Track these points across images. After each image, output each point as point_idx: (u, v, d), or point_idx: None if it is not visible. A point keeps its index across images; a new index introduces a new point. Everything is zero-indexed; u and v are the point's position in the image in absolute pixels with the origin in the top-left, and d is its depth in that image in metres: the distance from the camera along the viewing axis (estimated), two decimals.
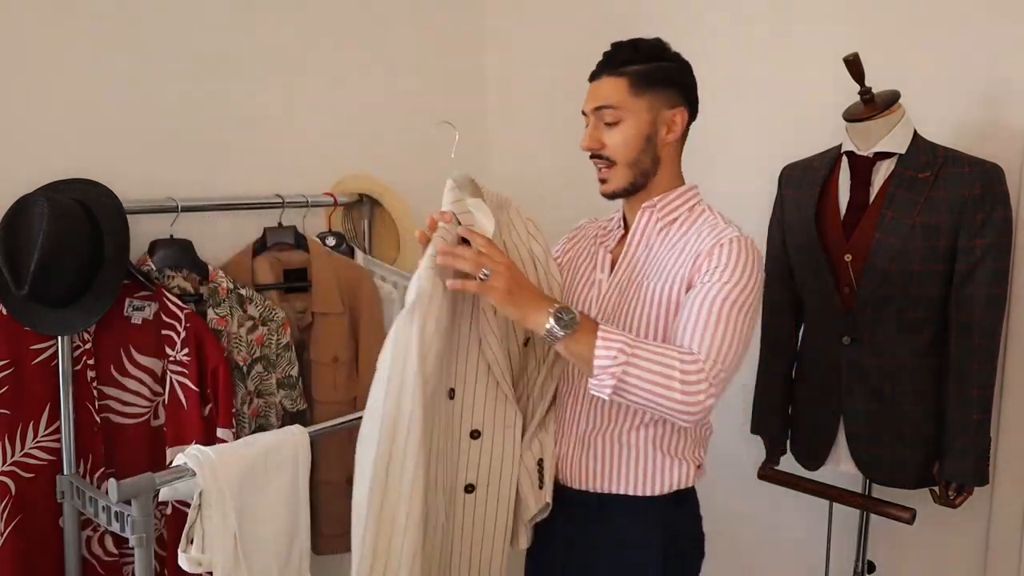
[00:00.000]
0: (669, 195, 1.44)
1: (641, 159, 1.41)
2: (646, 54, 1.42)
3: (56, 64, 1.62)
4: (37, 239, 1.42)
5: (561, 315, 1.25)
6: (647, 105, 1.40)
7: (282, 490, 1.58)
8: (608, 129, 1.41)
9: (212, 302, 1.71)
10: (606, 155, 1.42)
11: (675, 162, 1.47)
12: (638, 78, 1.40)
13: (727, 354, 1.26)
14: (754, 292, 1.32)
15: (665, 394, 1.22)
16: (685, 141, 1.48)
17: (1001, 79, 1.76)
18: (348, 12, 2.13)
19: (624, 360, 1.22)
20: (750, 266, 1.32)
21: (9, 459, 1.52)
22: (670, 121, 1.42)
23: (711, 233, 1.37)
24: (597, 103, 1.41)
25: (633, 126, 1.40)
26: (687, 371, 1.22)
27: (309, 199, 1.93)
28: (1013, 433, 1.80)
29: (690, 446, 1.45)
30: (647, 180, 1.43)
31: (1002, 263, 1.62)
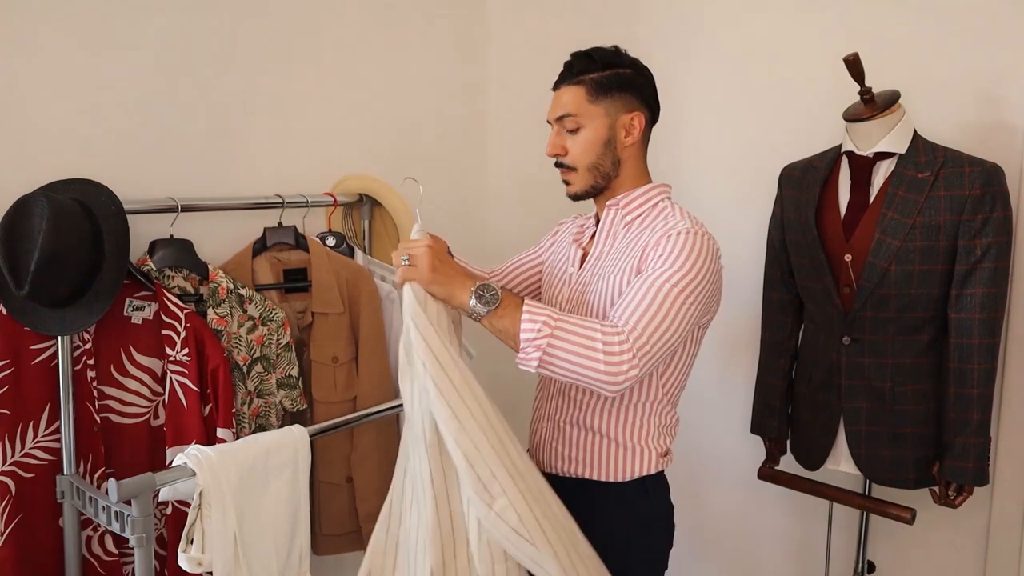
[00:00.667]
0: (632, 193, 1.50)
1: (601, 163, 1.48)
2: (602, 62, 1.47)
3: (56, 64, 1.62)
4: (37, 239, 1.42)
5: (482, 292, 1.30)
6: (604, 111, 1.47)
7: (282, 490, 1.58)
8: (570, 136, 1.48)
9: (212, 302, 1.71)
10: (566, 162, 1.49)
11: (638, 162, 1.52)
12: (594, 85, 1.46)
13: (654, 330, 1.29)
14: (697, 281, 1.34)
15: (589, 364, 1.26)
16: (648, 142, 1.54)
17: (1001, 79, 1.76)
18: (348, 12, 2.13)
19: (548, 332, 1.27)
20: (695, 257, 1.35)
21: (9, 459, 1.52)
22: (628, 125, 1.48)
23: (663, 226, 1.43)
24: (558, 112, 1.49)
25: (591, 132, 1.47)
26: (609, 341, 1.26)
27: (309, 199, 1.93)
28: (1013, 433, 1.80)
29: (653, 434, 1.51)
30: (609, 181, 1.50)
31: (1002, 263, 1.62)
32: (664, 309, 1.31)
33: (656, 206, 1.50)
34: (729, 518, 2.28)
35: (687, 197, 2.21)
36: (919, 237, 1.63)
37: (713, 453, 2.28)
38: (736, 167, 2.15)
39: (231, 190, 1.88)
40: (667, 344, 1.32)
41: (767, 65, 2.07)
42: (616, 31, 2.35)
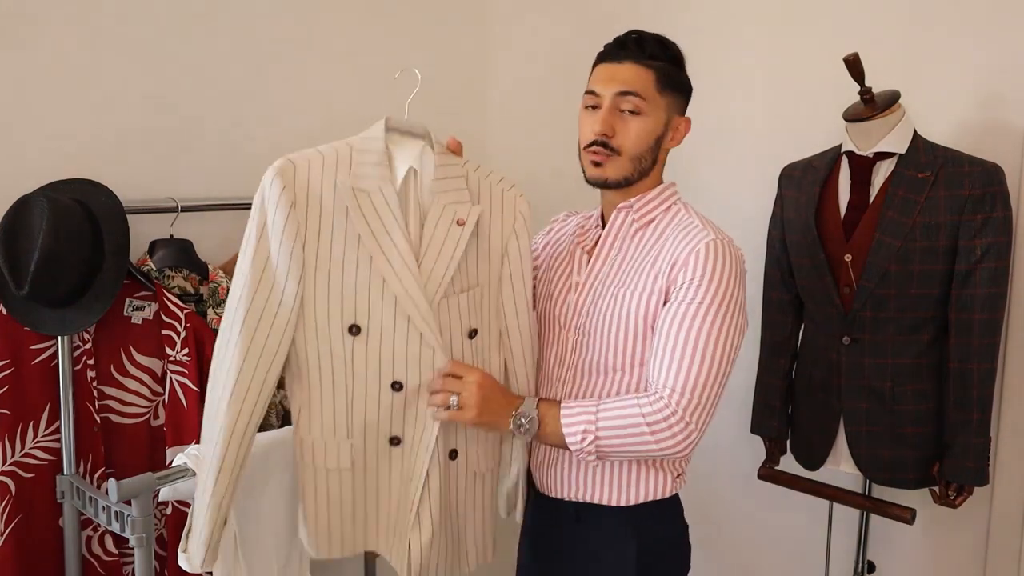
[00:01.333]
0: (647, 195, 1.40)
1: (646, 156, 1.38)
2: (672, 55, 1.39)
3: (56, 64, 1.62)
4: (37, 239, 1.42)
5: (520, 422, 1.30)
6: (666, 105, 1.37)
7: (282, 490, 1.57)
8: (624, 117, 1.35)
9: (212, 302, 1.71)
10: (613, 144, 1.36)
11: (663, 167, 1.45)
12: (664, 76, 1.36)
13: (703, 384, 1.23)
14: (733, 301, 1.27)
15: (643, 447, 1.24)
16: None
17: (1001, 79, 1.76)
18: (348, 13, 2.12)
19: (592, 438, 1.25)
20: (727, 273, 1.28)
21: (9, 459, 1.52)
22: (675, 128, 1.41)
23: (685, 238, 1.33)
24: (621, 87, 1.34)
25: (651, 122, 1.36)
26: (653, 420, 1.23)
27: None
28: (1013, 433, 1.80)
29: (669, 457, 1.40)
30: (641, 178, 1.40)
31: (1002, 263, 1.62)
32: (708, 356, 1.23)
33: (669, 209, 1.41)
34: (729, 518, 2.28)
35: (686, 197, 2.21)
36: (919, 237, 1.63)
37: (713, 453, 2.27)
38: (736, 167, 2.15)
39: (231, 190, 1.88)
40: (718, 387, 1.25)
41: (767, 65, 2.07)
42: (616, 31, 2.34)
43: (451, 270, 1.32)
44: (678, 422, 1.22)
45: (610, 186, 1.39)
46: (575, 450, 1.27)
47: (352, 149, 1.33)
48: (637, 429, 1.23)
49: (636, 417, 1.23)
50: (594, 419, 1.25)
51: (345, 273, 1.29)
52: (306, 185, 1.27)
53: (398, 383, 1.32)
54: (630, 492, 1.39)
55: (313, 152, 1.31)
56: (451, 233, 1.33)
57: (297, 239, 1.26)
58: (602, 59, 1.41)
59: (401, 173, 1.33)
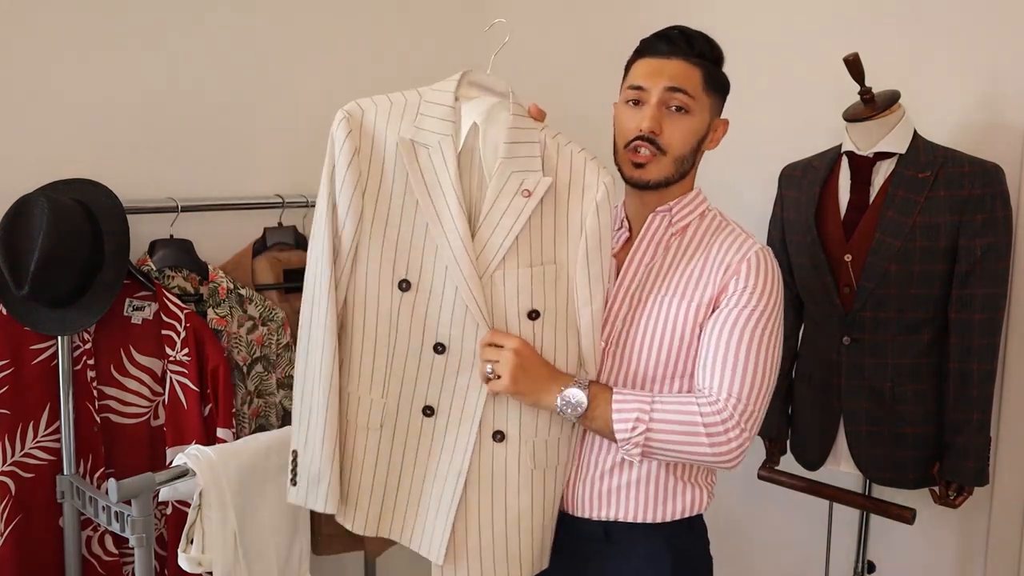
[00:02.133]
0: (683, 200, 1.35)
1: (688, 158, 1.33)
2: (716, 55, 1.36)
3: (56, 64, 1.62)
4: (37, 239, 1.42)
5: (568, 399, 1.22)
6: (711, 106, 1.34)
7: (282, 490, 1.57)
8: (671, 115, 1.30)
9: (212, 302, 1.71)
10: (661, 143, 1.30)
11: (697, 170, 1.40)
12: (710, 76, 1.32)
13: (757, 391, 1.20)
14: (780, 310, 1.27)
15: (694, 449, 1.19)
16: None
17: (1001, 79, 1.76)
18: (348, 12, 2.12)
19: (644, 428, 1.19)
20: (773, 283, 1.26)
21: (9, 459, 1.52)
22: (715, 129, 1.36)
23: (733, 245, 1.29)
24: (671, 82, 1.29)
25: (697, 122, 1.31)
26: (711, 423, 1.18)
27: (309, 199, 1.93)
28: (1013, 433, 1.80)
29: (704, 471, 1.36)
30: (680, 180, 1.34)
31: (1002, 263, 1.62)
32: (760, 363, 1.21)
33: (704, 216, 1.36)
34: (729, 518, 2.28)
35: None
36: (919, 237, 1.63)
37: None
38: (736, 167, 2.15)
39: (231, 190, 1.88)
40: (768, 395, 1.22)
41: (767, 65, 2.07)
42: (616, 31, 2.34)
43: (507, 243, 1.23)
44: (735, 427, 1.18)
45: (651, 188, 1.33)
46: (621, 440, 1.21)
47: (421, 98, 1.28)
48: (693, 429, 1.18)
49: (694, 416, 1.19)
50: (648, 409, 1.20)
51: (402, 228, 1.25)
52: (371, 132, 1.25)
53: (441, 345, 1.27)
54: (666, 508, 1.33)
55: (383, 98, 1.28)
56: (514, 203, 1.24)
57: (357, 187, 1.23)
58: (643, 53, 1.36)
59: (465, 129, 1.26)
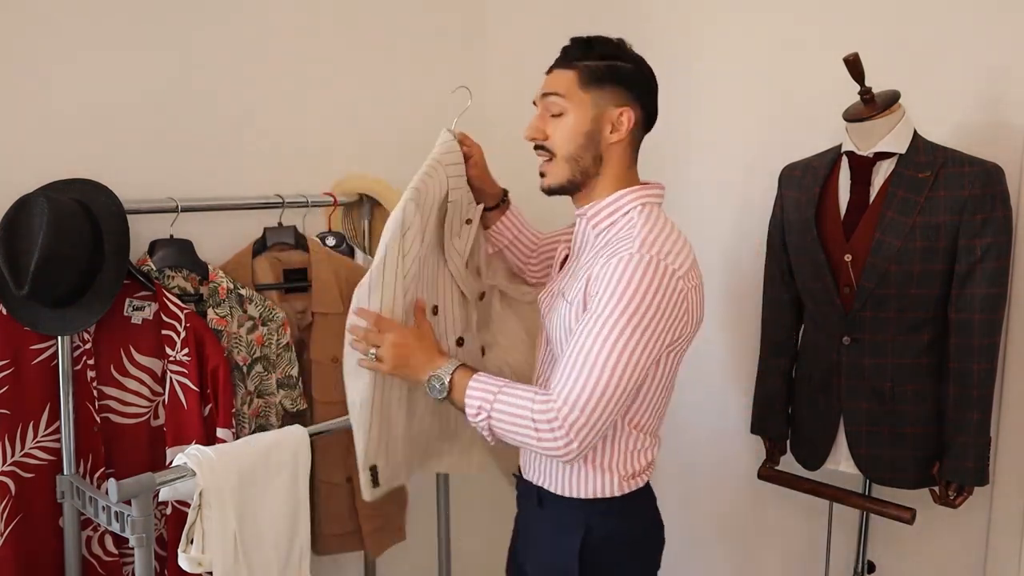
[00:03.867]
0: (600, 202, 1.39)
1: (580, 155, 1.38)
2: (600, 52, 1.40)
3: (56, 64, 1.62)
4: (37, 239, 1.42)
5: (432, 383, 1.37)
6: (592, 101, 1.37)
7: (282, 490, 1.58)
8: (552, 120, 1.39)
9: (212, 302, 1.71)
10: (548, 146, 1.40)
11: (622, 165, 1.40)
12: (588, 73, 1.38)
13: (589, 399, 1.23)
14: (642, 314, 1.24)
15: (527, 440, 1.28)
16: (638, 147, 1.43)
17: (1001, 79, 1.76)
18: (348, 12, 2.13)
19: (486, 416, 1.31)
20: (638, 287, 1.24)
21: (9, 459, 1.52)
22: (615, 120, 1.37)
23: (607, 249, 1.32)
24: (546, 89, 1.40)
25: (575, 119, 1.37)
26: (539, 420, 1.25)
27: (309, 199, 1.93)
28: (1013, 433, 1.80)
29: (618, 458, 1.40)
30: (587, 179, 1.39)
31: (1002, 263, 1.61)
32: (598, 371, 1.23)
33: (626, 215, 1.37)
34: (729, 518, 2.28)
35: (687, 197, 2.22)
36: (919, 237, 1.63)
37: (713, 453, 2.28)
38: (736, 167, 2.15)
39: (231, 190, 1.88)
40: (612, 406, 1.25)
41: (767, 65, 2.07)
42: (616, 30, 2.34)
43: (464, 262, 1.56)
44: (560, 427, 1.24)
45: (555, 192, 1.43)
46: (471, 422, 1.34)
47: (442, 166, 1.49)
48: (524, 423, 1.27)
49: (526, 411, 1.27)
50: (492, 400, 1.30)
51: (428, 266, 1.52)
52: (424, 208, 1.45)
53: (461, 339, 1.60)
54: (577, 487, 1.41)
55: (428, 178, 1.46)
56: (463, 231, 1.56)
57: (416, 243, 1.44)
58: (546, 73, 1.46)
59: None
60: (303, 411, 1.86)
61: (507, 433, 1.30)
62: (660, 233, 1.32)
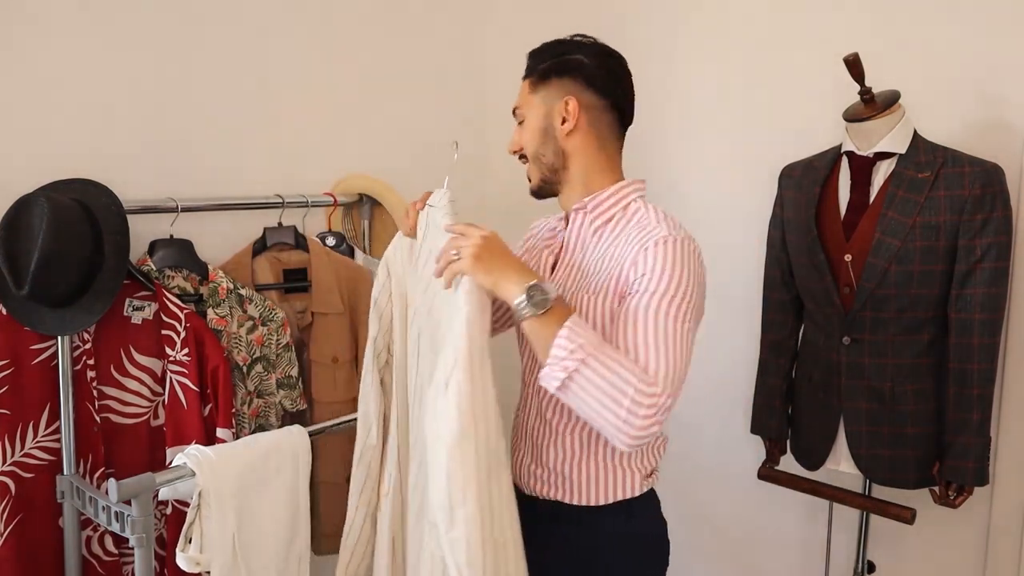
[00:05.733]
0: (601, 194, 1.38)
1: (542, 152, 1.40)
2: (549, 52, 1.43)
3: (56, 64, 1.62)
4: (37, 239, 1.42)
5: (534, 293, 1.21)
6: (541, 99, 1.41)
7: (282, 490, 1.58)
8: (520, 129, 1.45)
9: (212, 302, 1.71)
10: (524, 153, 1.45)
11: (596, 155, 1.39)
12: (536, 76, 1.42)
13: (678, 378, 1.20)
14: (690, 295, 1.25)
15: (607, 411, 1.16)
16: (615, 134, 1.41)
17: (1002, 79, 1.76)
18: (348, 12, 2.13)
19: (580, 358, 1.16)
20: (680, 267, 1.25)
21: (9, 459, 1.52)
22: (563, 111, 1.37)
23: (638, 236, 1.30)
24: (513, 107, 1.48)
25: (531, 121, 1.42)
26: (640, 399, 1.15)
27: (309, 199, 1.93)
28: (1013, 433, 1.80)
29: (636, 456, 1.39)
30: (558, 175, 1.40)
31: (1002, 263, 1.61)
32: (679, 347, 1.21)
33: (628, 208, 1.37)
34: (729, 518, 2.28)
35: (687, 197, 2.22)
36: (919, 237, 1.63)
37: (713, 453, 2.27)
38: (736, 167, 2.15)
39: (231, 190, 1.88)
40: (683, 384, 1.22)
41: (767, 65, 2.07)
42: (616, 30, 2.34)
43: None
44: (656, 410, 1.16)
45: (540, 194, 1.45)
46: (553, 358, 1.18)
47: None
48: (620, 391, 1.15)
49: (630, 381, 1.15)
50: (595, 348, 1.17)
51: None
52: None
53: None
54: (599, 492, 1.38)
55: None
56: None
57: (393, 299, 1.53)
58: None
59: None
60: (303, 411, 1.86)
61: (589, 391, 1.17)
62: (674, 219, 1.36)
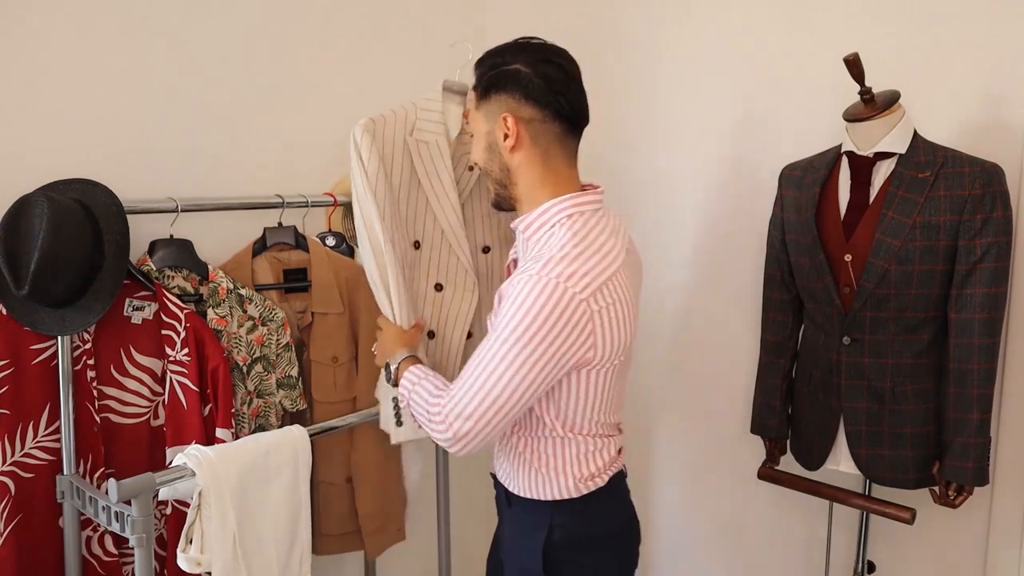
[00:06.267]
0: (530, 215, 1.39)
1: (490, 168, 1.42)
2: (487, 64, 1.39)
3: (56, 64, 1.62)
4: (37, 239, 1.42)
5: (388, 369, 1.57)
6: (483, 116, 1.40)
7: (282, 490, 1.58)
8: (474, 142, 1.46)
9: (212, 302, 1.71)
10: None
11: (538, 172, 1.38)
12: (480, 88, 1.41)
13: (475, 411, 1.31)
14: (534, 331, 1.26)
15: (427, 429, 1.41)
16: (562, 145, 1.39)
17: (1001, 79, 1.76)
18: (349, 12, 2.13)
19: (406, 403, 1.47)
20: (531, 306, 1.26)
21: (9, 459, 1.52)
22: (504, 128, 1.37)
23: (523, 265, 1.34)
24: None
25: (477, 136, 1.43)
26: (432, 413, 1.37)
27: (309, 199, 1.93)
28: (1013, 433, 1.80)
29: (569, 462, 1.44)
30: (507, 191, 1.42)
31: (1002, 263, 1.62)
32: (493, 387, 1.29)
33: (550, 230, 1.36)
34: (729, 518, 2.28)
35: (687, 197, 2.22)
36: (919, 237, 1.63)
37: (713, 453, 2.28)
38: (736, 167, 2.15)
39: (231, 190, 1.88)
40: (497, 418, 1.31)
41: (767, 65, 2.07)
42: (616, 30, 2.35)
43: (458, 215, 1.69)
44: (448, 431, 1.34)
45: (499, 208, 1.49)
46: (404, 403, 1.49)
47: (416, 108, 1.67)
48: (426, 417, 1.40)
49: (431, 406, 1.38)
50: (411, 389, 1.45)
51: (408, 204, 1.68)
52: (383, 137, 1.62)
53: (439, 285, 1.73)
54: (536, 489, 1.46)
55: (388, 112, 1.66)
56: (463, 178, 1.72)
57: (381, 177, 1.60)
58: None
59: (454, 131, 1.69)
60: (303, 411, 1.86)
61: (419, 419, 1.44)
62: (575, 249, 1.31)
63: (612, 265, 1.33)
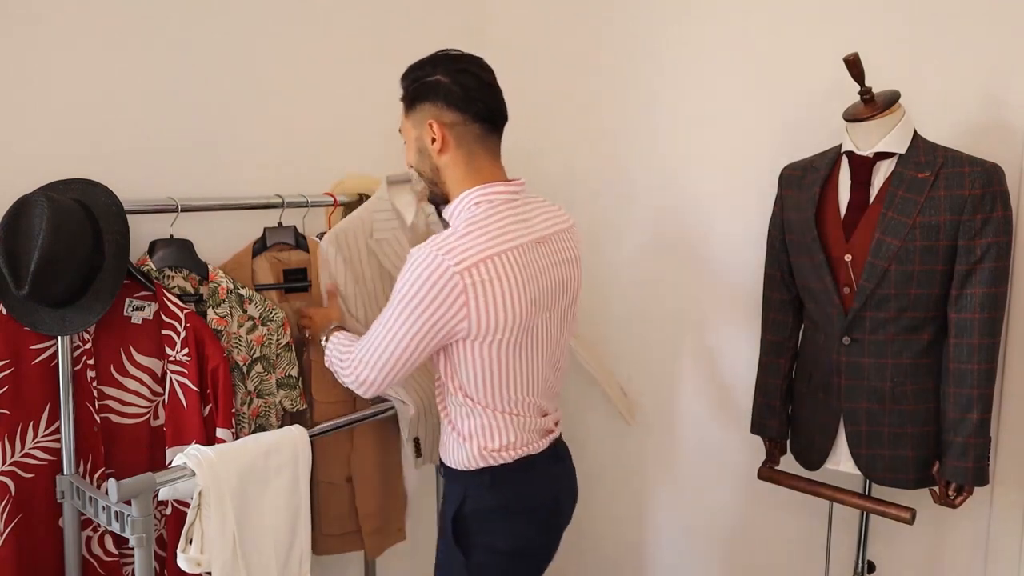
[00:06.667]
0: (450, 206, 1.54)
1: (422, 169, 1.56)
2: (410, 78, 1.53)
3: (56, 64, 1.62)
4: (37, 239, 1.42)
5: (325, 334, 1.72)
6: (412, 123, 1.54)
7: (282, 490, 1.58)
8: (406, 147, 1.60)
9: (212, 302, 1.71)
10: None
11: (462, 169, 1.52)
12: (406, 98, 1.54)
13: (370, 357, 1.52)
14: (411, 297, 1.42)
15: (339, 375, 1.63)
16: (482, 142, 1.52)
17: (1001, 79, 1.76)
18: (349, 12, 2.13)
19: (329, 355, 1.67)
20: (414, 278, 1.42)
21: (9, 459, 1.52)
22: (431, 133, 1.50)
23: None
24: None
25: (409, 142, 1.56)
26: (344, 363, 1.60)
27: (309, 199, 1.93)
28: (1013, 433, 1.80)
29: (475, 430, 1.56)
30: (439, 187, 1.56)
31: (1002, 263, 1.62)
32: (379, 344, 1.49)
33: (460, 214, 1.51)
34: (729, 518, 2.28)
35: (687, 197, 2.22)
36: (919, 237, 1.63)
37: (713, 453, 2.28)
38: (736, 167, 2.15)
39: (231, 190, 1.88)
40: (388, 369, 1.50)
41: (767, 65, 2.07)
42: (616, 30, 2.35)
43: None
44: (352, 375, 1.57)
45: (434, 203, 1.66)
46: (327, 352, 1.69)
47: (371, 211, 1.86)
48: (339, 365, 1.62)
49: (343, 356, 1.61)
50: (330, 350, 1.67)
51: (384, 295, 1.83)
52: (347, 245, 1.82)
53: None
54: (451, 457, 1.60)
55: (348, 221, 1.84)
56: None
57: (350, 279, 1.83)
58: None
59: (409, 217, 1.91)
60: (303, 411, 1.86)
61: (334, 369, 1.64)
62: (464, 228, 1.45)
63: (501, 245, 1.44)
